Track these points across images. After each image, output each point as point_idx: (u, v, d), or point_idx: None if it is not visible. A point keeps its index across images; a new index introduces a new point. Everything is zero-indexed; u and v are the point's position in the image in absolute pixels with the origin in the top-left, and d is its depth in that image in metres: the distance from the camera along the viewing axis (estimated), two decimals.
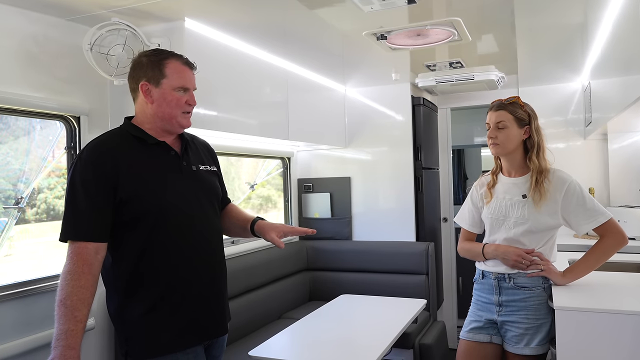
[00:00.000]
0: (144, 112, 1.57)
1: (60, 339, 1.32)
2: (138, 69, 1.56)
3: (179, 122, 1.58)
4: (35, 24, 1.99)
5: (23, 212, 2.05)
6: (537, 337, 1.84)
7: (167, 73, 1.54)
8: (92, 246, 1.42)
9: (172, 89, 1.55)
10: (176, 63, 1.57)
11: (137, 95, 1.58)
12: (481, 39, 2.70)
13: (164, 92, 1.54)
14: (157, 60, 1.55)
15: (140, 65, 1.56)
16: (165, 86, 1.54)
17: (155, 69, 1.54)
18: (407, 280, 3.42)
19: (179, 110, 1.57)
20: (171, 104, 1.55)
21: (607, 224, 1.84)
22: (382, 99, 3.71)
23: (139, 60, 1.57)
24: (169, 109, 1.55)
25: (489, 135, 1.95)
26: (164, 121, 1.57)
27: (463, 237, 2.13)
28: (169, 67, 1.55)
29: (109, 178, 1.45)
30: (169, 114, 1.56)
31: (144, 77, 1.54)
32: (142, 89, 1.55)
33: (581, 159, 3.73)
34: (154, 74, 1.54)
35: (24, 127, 2.09)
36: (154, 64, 1.55)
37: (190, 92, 1.60)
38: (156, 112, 1.55)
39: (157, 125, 1.58)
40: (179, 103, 1.56)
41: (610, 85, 2.34)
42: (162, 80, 1.54)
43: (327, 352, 2.01)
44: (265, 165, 3.71)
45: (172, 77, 1.55)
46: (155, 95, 1.54)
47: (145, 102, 1.56)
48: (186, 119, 1.60)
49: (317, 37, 2.60)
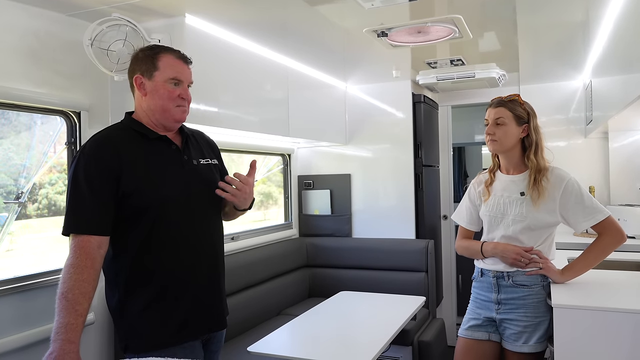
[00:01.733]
0: (141, 106, 1.59)
1: (60, 332, 1.33)
2: (134, 64, 1.59)
3: (172, 115, 1.58)
4: (36, 19, 1.99)
5: (24, 207, 2.06)
6: (535, 334, 1.84)
7: (160, 66, 1.56)
8: (95, 240, 1.42)
9: (164, 81, 1.56)
10: (169, 56, 1.58)
11: (134, 89, 1.60)
12: (482, 36, 2.70)
13: (156, 84, 1.56)
14: (152, 54, 1.57)
15: (136, 59, 1.59)
16: (158, 78, 1.56)
17: (149, 62, 1.56)
18: (407, 277, 3.42)
19: (172, 103, 1.57)
20: (163, 96, 1.55)
21: (605, 222, 1.84)
22: (383, 96, 3.70)
23: (135, 55, 1.60)
24: (161, 101, 1.56)
25: (487, 131, 1.95)
26: (158, 114, 1.57)
27: (461, 235, 2.14)
28: (162, 60, 1.57)
29: (111, 172, 1.46)
30: (162, 106, 1.56)
31: (138, 71, 1.57)
32: (135, 82, 1.57)
33: (582, 157, 3.73)
34: (147, 67, 1.56)
35: (25, 122, 2.09)
36: (148, 57, 1.57)
37: (184, 86, 1.60)
38: (149, 105, 1.57)
39: (154, 120, 1.59)
40: (171, 95, 1.56)
41: (612, 83, 2.34)
42: (155, 73, 1.56)
43: (326, 349, 2.02)
44: (265, 161, 3.71)
45: (164, 70, 1.56)
46: (148, 88, 1.56)
47: (140, 95, 1.58)
48: (180, 113, 1.60)
49: (318, 34, 2.60)
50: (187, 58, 1.63)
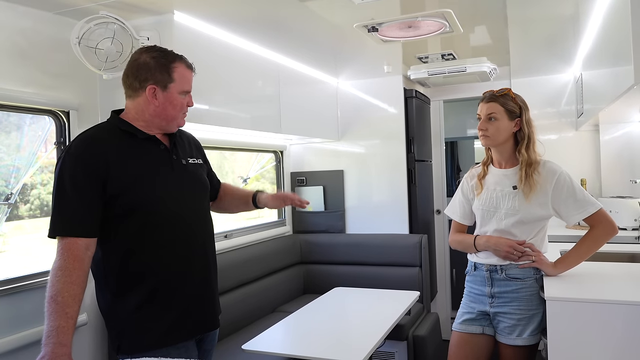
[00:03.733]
0: (142, 111, 1.56)
1: (51, 335, 1.31)
2: (145, 70, 1.53)
3: (178, 122, 1.62)
4: (22, 18, 1.96)
5: (15, 208, 2.03)
6: (529, 327, 1.85)
7: (175, 77, 1.55)
8: (82, 242, 1.41)
9: (178, 93, 1.57)
10: (182, 67, 1.58)
11: (139, 94, 1.55)
12: (473, 30, 2.69)
13: (170, 95, 1.56)
14: (166, 62, 1.55)
15: (148, 66, 1.53)
16: (173, 90, 1.56)
17: (164, 72, 1.54)
18: (401, 272, 3.43)
19: (181, 112, 1.60)
20: (176, 107, 1.58)
21: (597, 214, 1.85)
22: (375, 91, 3.70)
23: (144, 60, 1.54)
24: (173, 111, 1.58)
25: (480, 127, 1.95)
26: (164, 121, 1.58)
27: (454, 229, 2.14)
28: (177, 72, 1.56)
29: (98, 172, 1.44)
30: (172, 116, 1.58)
31: (152, 80, 1.53)
32: (149, 92, 1.54)
33: (573, 150, 3.75)
34: (163, 78, 1.54)
35: (15, 122, 2.07)
36: (162, 67, 1.54)
37: (190, 95, 1.62)
38: (159, 114, 1.56)
39: (154, 125, 1.58)
40: (182, 106, 1.60)
41: (602, 76, 2.35)
42: (170, 85, 1.55)
43: (321, 345, 2.02)
44: (258, 158, 3.70)
45: (179, 82, 1.56)
46: (161, 98, 1.55)
47: (147, 102, 1.55)
48: (183, 119, 1.64)
49: (309, 30, 2.59)
50: (193, 67, 1.63)
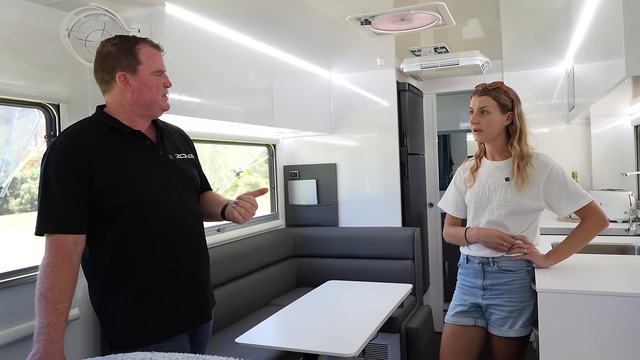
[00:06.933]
0: (120, 102, 1.54)
1: (42, 332, 1.30)
2: (110, 60, 1.51)
3: (160, 105, 1.58)
4: (11, 9, 1.93)
5: (5, 202, 2.01)
6: (520, 319, 1.87)
7: (142, 59, 1.52)
8: (70, 238, 1.40)
9: (149, 74, 1.53)
10: (147, 47, 1.54)
11: (112, 86, 1.53)
12: (466, 23, 2.69)
13: (142, 78, 1.52)
14: (128, 46, 1.52)
15: (112, 55, 1.51)
16: (143, 72, 1.52)
17: (129, 56, 1.51)
18: (394, 265, 3.44)
19: (159, 94, 1.56)
20: (152, 89, 1.54)
21: (588, 207, 1.86)
22: (368, 84, 3.69)
23: (107, 50, 1.52)
24: (150, 94, 1.53)
25: (472, 120, 1.95)
26: (145, 107, 1.55)
27: (448, 222, 2.15)
28: (142, 53, 1.52)
29: (83, 168, 1.42)
30: (151, 99, 1.54)
31: (119, 67, 1.50)
32: (119, 80, 1.51)
33: (565, 143, 3.77)
34: (129, 62, 1.51)
35: (4, 115, 2.04)
36: (126, 51, 1.51)
37: (165, 75, 1.58)
38: (137, 100, 1.53)
39: (136, 113, 1.55)
40: (159, 87, 1.55)
41: (593, 69, 2.36)
42: (139, 67, 1.51)
43: (314, 338, 2.02)
44: (251, 152, 3.69)
45: (148, 63, 1.52)
46: (134, 83, 1.51)
47: (122, 91, 1.52)
48: (166, 102, 1.60)
49: (302, 23, 2.57)
50: (160, 46, 1.60)
